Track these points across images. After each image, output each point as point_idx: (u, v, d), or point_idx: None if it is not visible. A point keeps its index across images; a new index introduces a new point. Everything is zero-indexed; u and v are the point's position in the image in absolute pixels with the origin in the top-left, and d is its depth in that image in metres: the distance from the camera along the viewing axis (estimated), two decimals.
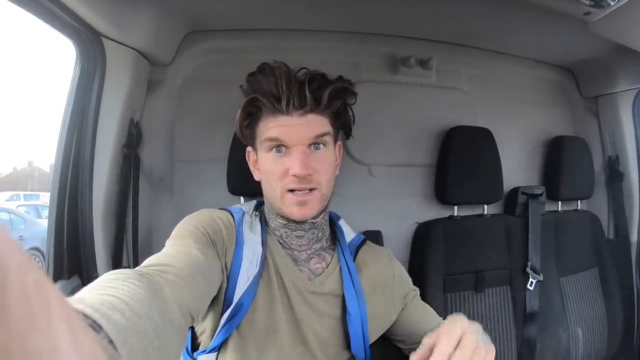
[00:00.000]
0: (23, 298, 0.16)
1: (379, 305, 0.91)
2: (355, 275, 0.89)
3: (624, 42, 1.15)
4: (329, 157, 0.83)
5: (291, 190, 0.80)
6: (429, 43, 1.42)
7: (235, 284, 0.80)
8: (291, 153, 0.79)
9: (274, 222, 0.88)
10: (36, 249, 6.16)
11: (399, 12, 1.24)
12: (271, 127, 0.79)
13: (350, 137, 0.94)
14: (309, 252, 0.89)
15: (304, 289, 0.84)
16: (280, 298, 0.83)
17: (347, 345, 0.86)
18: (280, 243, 0.88)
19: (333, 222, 0.96)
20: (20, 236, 6.21)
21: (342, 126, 0.90)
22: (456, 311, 1.29)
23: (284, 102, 0.77)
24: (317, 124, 0.80)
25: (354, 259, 0.92)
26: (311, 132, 0.79)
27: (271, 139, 0.79)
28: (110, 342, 0.38)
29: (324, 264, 0.89)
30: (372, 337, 0.90)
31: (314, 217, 0.85)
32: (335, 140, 0.89)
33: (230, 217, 0.87)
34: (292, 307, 0.84)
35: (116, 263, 1.10)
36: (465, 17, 1.25)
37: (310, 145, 0.80)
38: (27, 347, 0.15)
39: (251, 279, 0.80)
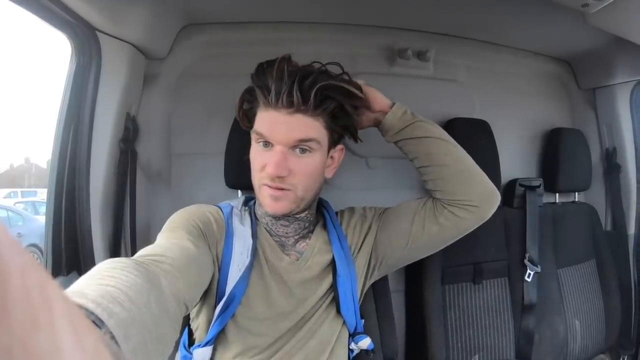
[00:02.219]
0: (25, 299, 0.15)
1: (364, 259, 0.96)
2: (344, 238, 0.94)
3: (621, 34, 1.14)
4: (312, 162, 0.82)
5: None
6: (426, 35, 1.41)
7: (227, 276, 0.82)
8: (273, 150, 0.79)
9: (260, 210, 0.91)
10: (34, 245, 6.15)
11: (396, 4, 1.23)
12: (261, 119, 0.80)
13: (358, 141, 0.94)
14: (296, 237, 0.92)
15: (296, 271, 0.87)
16: (275, 285, 0.86)
17: (338, 308, 0.89)
18: (268, 231, 0.90)
19: (319, 202, 1.00)
20: (19, 233, 6.19)
21: (345, 130, 0.89)
22: (454, 303, 1.30)
23: (272, 97, 0.77)
24: (304, 126, 0.78)
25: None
26: (294, 135, 0.78)
27: (257, 133, 0.80)
28: (112, 337, 0.38)
29: (308, 240, 0.92)
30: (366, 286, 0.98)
31: (290, 214, 0.87)
32: (334, 144, 0.88)
33: (219, 211, 0.89)
34: (291, 290, 0.86)
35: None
36: (462, 8, 1.24)
37: (293, 147, 0.80)
38: (29, 348, 0.15)
39: (242, 270, 0.81)
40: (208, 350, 0.81)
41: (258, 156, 0.82)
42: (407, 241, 0.91)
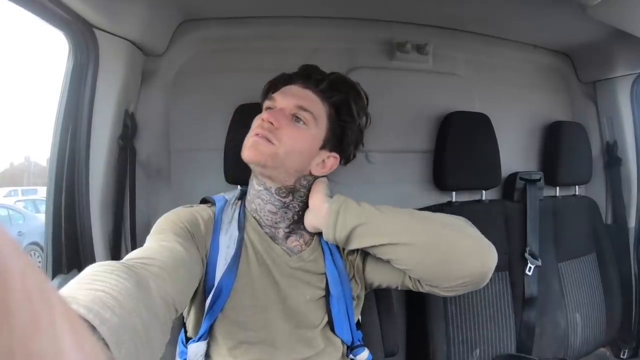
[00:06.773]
0: (26, 301, 0.15)
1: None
2: (337, 254, 0.91)
3: (622, 26, 1.14)
4: (303, 135, 0.85)
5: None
6: (425, 28, 1.41)
7: (215, 270, 0.82)
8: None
9: (252, 190, 0.90)
10: (35, 243, 6.16)
11: None
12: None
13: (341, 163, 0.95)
14: (286, 230, 0.89)
15: (285, 264, 0.87)
16: (262, 276, 0.85)
17: (332, 327, 0.88)
18: (257, 221, 0.89)
19: None
20: (20, 232, 6.20)
21: (342, 131, 0.90)
22: (455, 297, 1.30)
23: (293, 75, 0.90)
24: (309, 99, 0.86)
25: None
26: (297, 101, 0.85)
27: (270, 99, 0.88)
28: (105, 343, 0.39)
29: (301, 241, 0.91)
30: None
31: (259, 164, 0.83)
32: (328, 143, 0.89)
33: (208, 209, 0.88)
34: (277, 282, 0.85)
35: (115, 256, 1.09)
36: (462, 1, 1.24)
37: (292, 115, 0.84)
38: (30, 349, 0.15)
39: (228, 262, 0.81)
40: (202, 345, 0.81)
41: (258, 119, 0.86)
42: (403, 274, 0.86)
